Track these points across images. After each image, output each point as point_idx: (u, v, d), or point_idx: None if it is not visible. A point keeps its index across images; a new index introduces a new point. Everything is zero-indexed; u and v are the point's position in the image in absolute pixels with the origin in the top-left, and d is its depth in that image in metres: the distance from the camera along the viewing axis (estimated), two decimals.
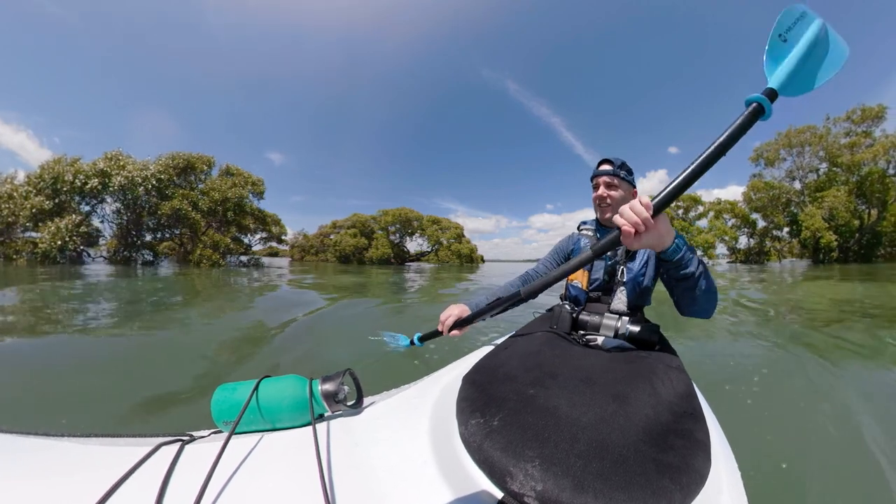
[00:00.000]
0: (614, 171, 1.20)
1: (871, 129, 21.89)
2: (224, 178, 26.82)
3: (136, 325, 3.61)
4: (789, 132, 24.74)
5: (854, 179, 22.15)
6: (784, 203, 25.30)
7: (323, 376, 0.68)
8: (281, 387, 0.65)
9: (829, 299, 6.09)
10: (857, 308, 5.10)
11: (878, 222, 21.98)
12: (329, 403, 0.65)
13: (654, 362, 0.79)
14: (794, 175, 25.20)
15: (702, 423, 0.59)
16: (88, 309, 4.56)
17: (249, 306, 5.30)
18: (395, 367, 2.48)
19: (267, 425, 0.63)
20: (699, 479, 0.47)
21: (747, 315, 4.70)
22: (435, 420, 0.62)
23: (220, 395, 0.65)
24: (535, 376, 0.68)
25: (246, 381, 0.67)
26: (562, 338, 0.99)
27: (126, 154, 22.42)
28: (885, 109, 21.00)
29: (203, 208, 24.38)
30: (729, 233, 28.40)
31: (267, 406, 0.63)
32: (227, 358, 2.73)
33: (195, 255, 23.01)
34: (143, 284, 7.96)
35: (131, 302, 5.18)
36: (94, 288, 6.91)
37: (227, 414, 0.62)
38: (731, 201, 28.36)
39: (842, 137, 22.79)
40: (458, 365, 0.88)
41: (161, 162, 23.12)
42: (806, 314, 4.77)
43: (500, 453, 0.47)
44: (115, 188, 20.21)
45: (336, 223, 50.40)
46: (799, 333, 3.60)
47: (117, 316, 4.14)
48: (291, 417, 0.63)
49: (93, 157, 21.73)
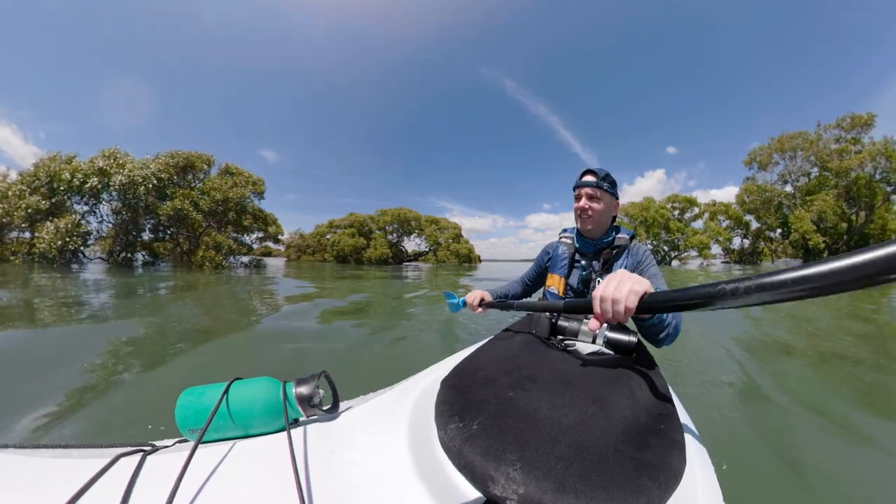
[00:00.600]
0: (597, 183, 1.20)
1: (861, 136, 22.93)
2: (224, 178, 26.33)
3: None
4: (782, 137, 25.68)
5: (843, 184, 23.16)
6: (776, 206, 26.28)
7: (297, 379, 0.64)
8: (253, 390, 0.61)
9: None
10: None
11: (865, 225, 23.02)
12: (304, 408, 0.62)
13: (632, 367, 0.81)
14: (787, 178, 26.19)
15: (677, 423, 0.61)
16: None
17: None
18: (371, 371, 2.43)
19: (238, 432, 0.59)
20: (675, 477, 0.49)
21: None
22: (413, 425, 0.61)
23: (185, 399, 0.59)
24: (514, 379, 0.69)
25: (214, 385, 0.62)
26: (541, 342, 1.00)
27: (124, 152, 21.80)
28: (874, 117, 22.12)
29: (204, 208, 23.91)
30: (723, 234, 29.34)
31: (238, 411, 0.59)
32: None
33: (197, 257, 22.56)
34: (193, 300, 5.93)
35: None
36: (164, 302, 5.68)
37: (194, 421, 0.58)
38: (725, 203, 29.30)
39: (832, 143, 23.81)
40: (436, 368, 0.86)
41: (161, 160, 22.56)
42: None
43: (480, 457, 0.47)
44: (116, 187, 19.65)
45: (333, 222, 49.95)
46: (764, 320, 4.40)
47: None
48: (265, 423, 0.60)
49: (83, 154, 21.10)
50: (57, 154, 20.47)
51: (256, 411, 0.59)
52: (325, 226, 50.79)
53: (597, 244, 1.26)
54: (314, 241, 49.09)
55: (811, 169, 24.67)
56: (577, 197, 1.25)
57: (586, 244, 1.29)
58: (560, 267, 1.32)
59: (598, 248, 1.27)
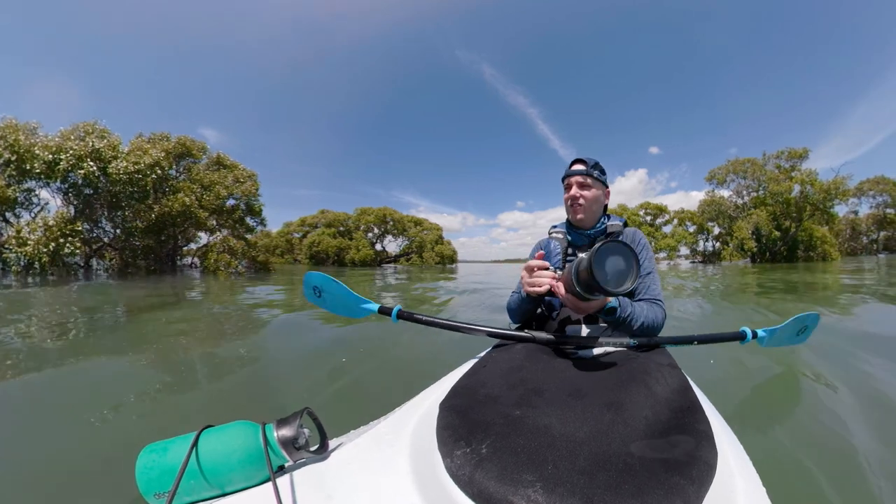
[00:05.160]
0: (587, 171, 1.19)
1: (797, 165, 30.21)
2: (222, 172, 22.37)
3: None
4: (735, 161, 32.38)
5: (779, 202, 30.34)
6: (727, 216, 32.89)
7: (277, 420, 0.57)
8: (227, 438, 0.53)
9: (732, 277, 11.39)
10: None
11: (795, 233, 30.58)
12: (289, 451, 0.54)
13: (645, 362, 0.79)
14: (740, 194, 33.04)
15: (701, 414, 0.60)
16: None
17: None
18: (358, 401, 1.95)
19: (214, 490, 0.51)
20: (709, 469, 0.47)
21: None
22: (415, 456, 0.54)
23: (146, 458, 0.51)
24: (519, 395, 0.66)
25: (180, 437, 0.53)
26: (543, 350, 0.94)
27: (105, 128, 16.92)
28: (808, 151, 29.35)
29: (209, 206, 20.02)
30: (689, 238, 35.41)
31: (212, 465, 0.50)
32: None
33: (209, 261, 18.87)
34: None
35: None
36: None
37: (159, 483, 0.49)
38: (692, 211, 35.50)
39: (774, 168, 30.90)
40: (433, 391, 0.78)
41: (161, 145, 18.17)
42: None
43: (495, 482, 0.44)
44: (120, 176, 15.21)
45: (305, 220, 45.39)
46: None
47: None
48: (245, 475, 0.52)
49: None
50: (11, 120, 14.76)
51: (234, 463, 0.52)
52: (295, 223, 45.83)
53: (590, 234, 1.25)
54: (282, 240, 43.93)
55: (758, 187, 31.59)
56: (566, 186, 1.24)
57: (579, 236, 1.27)
58: (555, 263, 1.26)
59: (592, 238, 1.25)
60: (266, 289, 8.31)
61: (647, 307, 1.06)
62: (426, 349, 2.81)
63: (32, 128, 15.30)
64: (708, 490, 0.45)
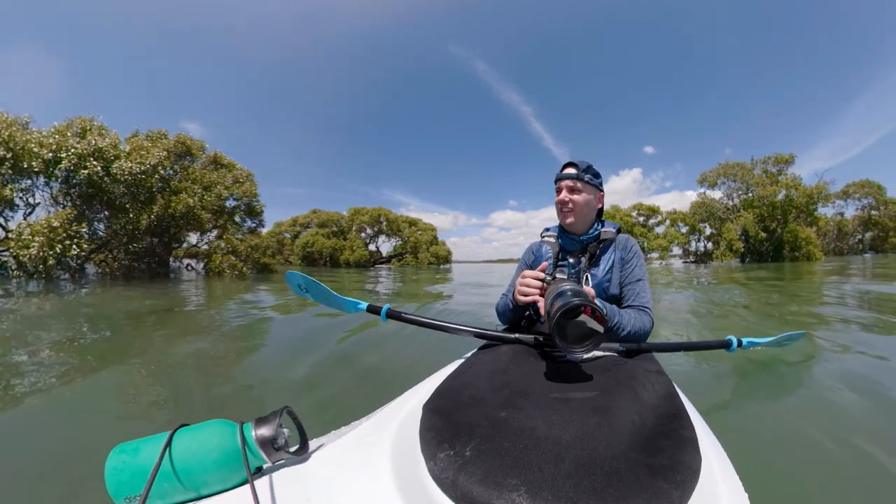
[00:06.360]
0: (578, 175, 1.16)
1: (783, 170, 31.80)
2: (221, 172, 21.68)
3: None
4: (725, 165, 33.77)
5: (766, 205, 31.86)
6: (717, 217, 34.26)
7: (255, 419, 0.55)
8: (203, 438, 0.51)
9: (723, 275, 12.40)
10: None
11: (781, 234, 32.12)
12: (268, 452, 0.53)
13: (633, 368, 0.79)
14: (730, 196, 34.46)
15: (687, 420, 0.61)
16: None
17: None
18: (339, 401, 1.95)
19: (189, 494, 0.49)
20: (692, 475, 0.48)
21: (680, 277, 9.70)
22: (397, 458, 0.54)
23: (116, 459, 0.48)
24: (504, 396, 0.66)
25: (153, 437, 0.51)
26: (530, 352, 0.93)
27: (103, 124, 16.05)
28: (794, 157, 31.09)
29: (210, 207, 19.35)
30: (681, 238, 36.61)
31: (186, 466, 0.48)
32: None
33: (214, 263, 18.26)
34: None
35: None
36: None
37: (130, 486, 0.47)
38: (684, 212, 36.72)
39: (762, 173, 32.38)
40: (417, 392, 0.77)
41: (162, 144, 17.40)
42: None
43: (478, 486, 0.44)
44: (125, 177, 14.47)
45: (297, 220, 44.40)
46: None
47: None
48: (221, 477, 0.50)
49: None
50: (1, 113, 13.75)
51: (210, 464, 0.49)
52: (287, 223, 44.78)
53: (582, 240, 1.23)
54: (272, 240, 42.89)
55: (747, 190, 33.03)
56: (557, 190, 1.22)
57: (571, 241, 1.25)
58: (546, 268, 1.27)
59: (584, 244, 1.23)
60: (275, 292, 7.84)
61: (634, 314, 1.08)
62: (412, 349, 2.78)
63: (25, 122, 14.35)
64: (691, 495, 0.45)
